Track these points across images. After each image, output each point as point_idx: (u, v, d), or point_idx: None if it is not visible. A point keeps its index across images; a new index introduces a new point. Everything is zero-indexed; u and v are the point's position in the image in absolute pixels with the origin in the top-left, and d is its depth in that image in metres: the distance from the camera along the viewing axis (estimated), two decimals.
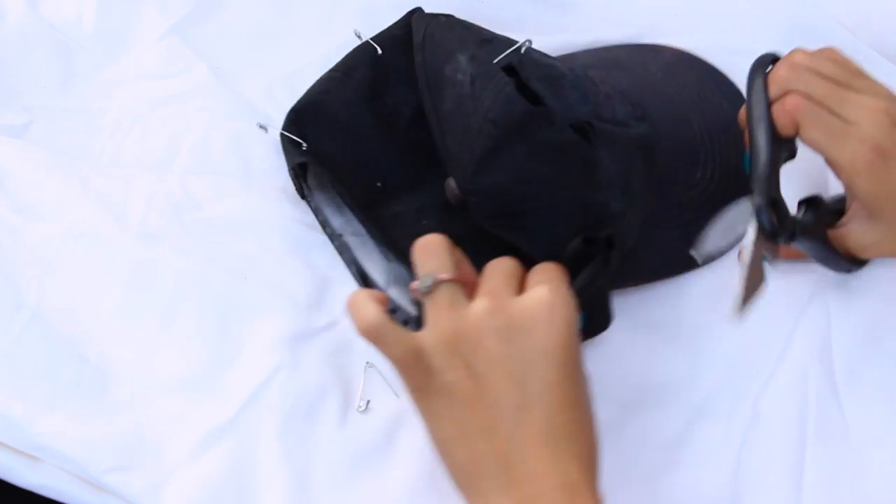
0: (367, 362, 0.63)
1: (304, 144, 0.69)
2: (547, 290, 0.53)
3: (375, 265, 0.68)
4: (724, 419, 0.63)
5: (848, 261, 0.65)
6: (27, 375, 0.58)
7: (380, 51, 0.69)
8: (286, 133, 0.69)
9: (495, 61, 0.62)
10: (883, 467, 0.61)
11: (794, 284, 0.68)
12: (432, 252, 0.56)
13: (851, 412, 0.63)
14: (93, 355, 0.60)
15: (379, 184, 0.70)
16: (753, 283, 0.58)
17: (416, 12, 0.70)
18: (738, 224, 0.59)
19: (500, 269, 0.56)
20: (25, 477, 0.57)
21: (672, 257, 0.66)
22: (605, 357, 0.65)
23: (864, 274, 0.68)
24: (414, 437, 0.60)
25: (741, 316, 0.57)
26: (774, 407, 0.63)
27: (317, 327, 0.64)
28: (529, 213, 0.64)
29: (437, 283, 0.54)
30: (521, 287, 0.55)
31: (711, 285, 0.68)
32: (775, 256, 0.60)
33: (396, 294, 0.66)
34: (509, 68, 0.63)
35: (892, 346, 0.66)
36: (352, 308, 0.55)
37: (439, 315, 0.54)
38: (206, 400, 0.59)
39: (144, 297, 0.62)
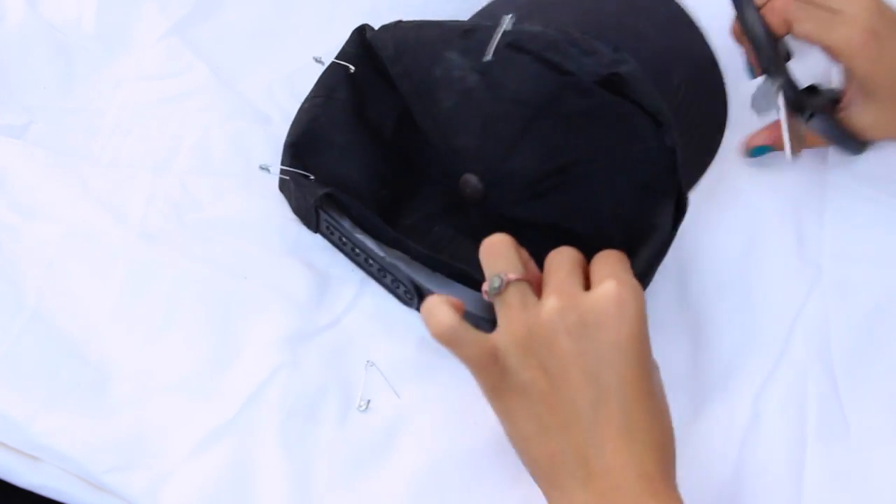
0: (368, 361, 0.63)
1: (311, 177, 0.67)
2: (615, 284, 0.53)
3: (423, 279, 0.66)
4: (725, 419, 0.63)
5: (855, 141, 0.68)
6: (27, 375, 0.58)
7: (352, 69, 0.69)
8: (292, 169, 0.67)
9: (506, 45, 0.62)
10: (883, 466, 0.61)
11: (792, 283, 0.68)
12: (498, 252, 0.56)
13: (851, 411, 0.63)
14: (93, 355, 0.60)
15: (385, 197, 0.70)
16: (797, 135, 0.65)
17: (364, 28, 0.70)
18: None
19: (564, 262, 0.56)
20: (25, 477, 0.56)
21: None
22: None
23: (863, 273, 0.68)
24: (414, 437, 0.60)
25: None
26: (774, 406, 0.63)
27: (317, 327, 0.64)
28: (563, 189, 0.63)
29: (507, 284, 0.54)
30: (585, 279, 0.56)
31: (712, 285, 0.68)
32: (800, 143, 0.65)
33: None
34: (514, 47, 0.63)
35: (891, 344, 0.66)
36: (426, 313, 0.56)
37: (511, 315, 0.54)
38: (206, 399, 0.59)
39: (144, 297, 0.62)
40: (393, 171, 0.70)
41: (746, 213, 0.70)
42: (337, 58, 0.70)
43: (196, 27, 0.78)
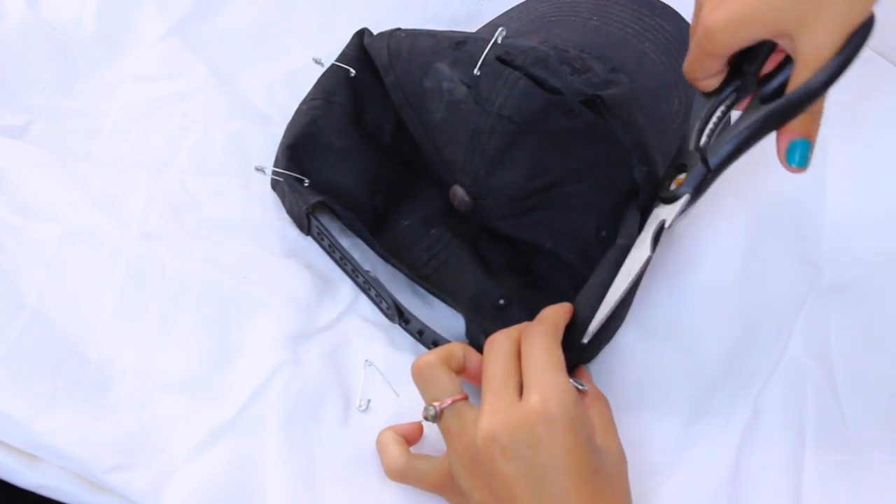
0: (367, 360, 0.63)
1: (307, 181, 0.67)
2: (538, 399, 0.52)
3: (404, 296, 0.67)
4: (723, 419, 0.63)
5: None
6: (28, 375, 0.58)
7: (353, 72, 0.69)
8: (287, 172, 0.68)
9: (495, 58, 0.62)
10: (882, 468, 0.61)
11: (793, 283, 0.68)
12: (428, 378, 0.57)
13: (850, 411, 0.63)
14: (93, 354, 0.60)
15: (380, 203, 0.70)
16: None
17: (364, 33, 0.70)
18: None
19: (498, 360, 0.56)
20: (25, 477, 0.56)
21: None
22: (604, 357, 0.65)
23: (863, 274, 0.68)
24: None
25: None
26: (773, 407, 0.63)
27: (317, 327, 0.64)
28: (549, 207, 0.63)
29: (441, 412, 0.55)
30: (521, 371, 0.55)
31: (712, 285, 0.68)
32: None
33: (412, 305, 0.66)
34: (503, 61, 0.62)
35: (890, 345, 0.66)
36: (379, 449, 0.59)
37: (453, 440, 0.55)
38: (207, 398, 0.59)
39: (144, 297, 0.62)
40: (391, 174, 0.70)
41: (746, 213, 0.70)
42: (337, 60, 0.70)
43: (196, 27, 0.78)
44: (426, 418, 0.56)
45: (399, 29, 0.67)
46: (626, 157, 0.60)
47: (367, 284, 0.66)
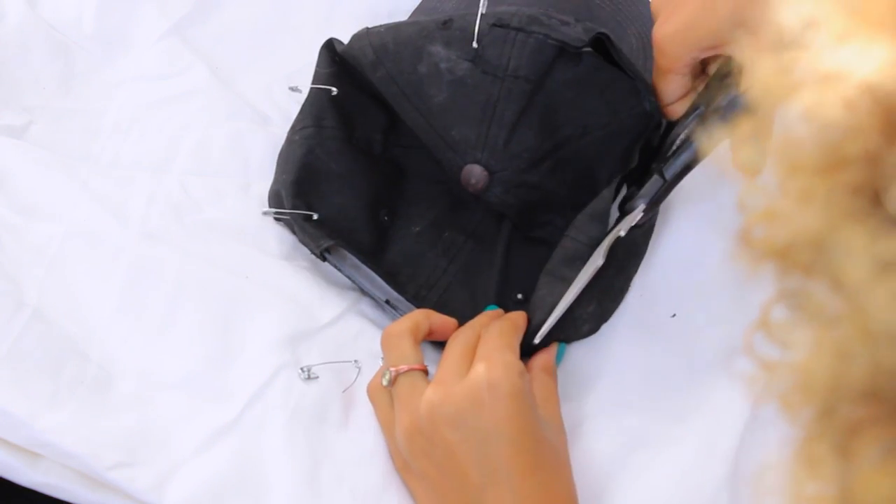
0: (354, 361, 0.63)
1: (315, 215, 0.67)
2: (484, 368, 0.54)
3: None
4: (723, 419, 0.63)
5: None
6: (29, 373, 0.58)
7: (335, 91, 0.68)
8: (294, 211, 0.66)
9: (491, 26, 0.63)
10: None
11: None
12: (392, 345, 0.58)
13: None
14: (95, 353, 0.60)
15: (386, 217, 0.69)
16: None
17: (332, 43, 0.69)
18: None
19: (457, 346, 0.58)
20: (27, 475, 0.56)
21: None
22: (602, 357, 0.65)
23: None
24: None
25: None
26: (773, 406, 0.63)
27: (318, 326, 0.64)
28: (566, 163, 0.64)
29: (396, 377, 0.57)
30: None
31: (711, 284, 0.68)
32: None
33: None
34: (500, 26, 0.63)
35: None
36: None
37: (401, 408, 0.56)
38: (209, 398, 0.59)
39: (146, 296, 0.62)
40: (389, 183, 0.70)
41: None
42: (313, 82, 0.69)
43: (195, 27, 0.78)
44: (382, 382, 0.57)
45: (370, 27, 0.67)
46: (625, 101, 0.62)
47: (388, 303, 0.66)
